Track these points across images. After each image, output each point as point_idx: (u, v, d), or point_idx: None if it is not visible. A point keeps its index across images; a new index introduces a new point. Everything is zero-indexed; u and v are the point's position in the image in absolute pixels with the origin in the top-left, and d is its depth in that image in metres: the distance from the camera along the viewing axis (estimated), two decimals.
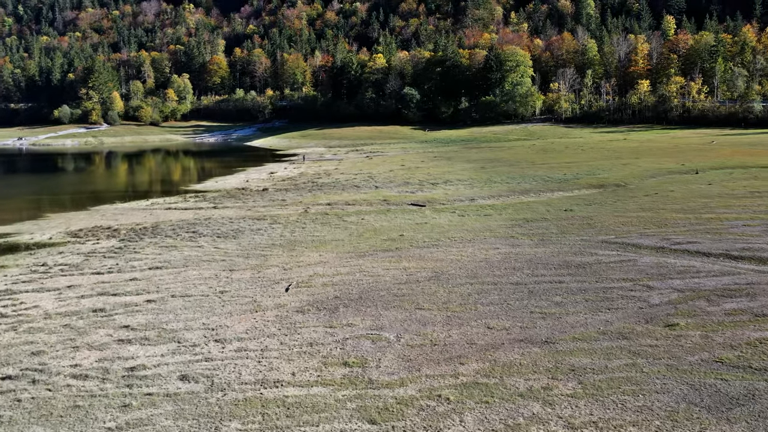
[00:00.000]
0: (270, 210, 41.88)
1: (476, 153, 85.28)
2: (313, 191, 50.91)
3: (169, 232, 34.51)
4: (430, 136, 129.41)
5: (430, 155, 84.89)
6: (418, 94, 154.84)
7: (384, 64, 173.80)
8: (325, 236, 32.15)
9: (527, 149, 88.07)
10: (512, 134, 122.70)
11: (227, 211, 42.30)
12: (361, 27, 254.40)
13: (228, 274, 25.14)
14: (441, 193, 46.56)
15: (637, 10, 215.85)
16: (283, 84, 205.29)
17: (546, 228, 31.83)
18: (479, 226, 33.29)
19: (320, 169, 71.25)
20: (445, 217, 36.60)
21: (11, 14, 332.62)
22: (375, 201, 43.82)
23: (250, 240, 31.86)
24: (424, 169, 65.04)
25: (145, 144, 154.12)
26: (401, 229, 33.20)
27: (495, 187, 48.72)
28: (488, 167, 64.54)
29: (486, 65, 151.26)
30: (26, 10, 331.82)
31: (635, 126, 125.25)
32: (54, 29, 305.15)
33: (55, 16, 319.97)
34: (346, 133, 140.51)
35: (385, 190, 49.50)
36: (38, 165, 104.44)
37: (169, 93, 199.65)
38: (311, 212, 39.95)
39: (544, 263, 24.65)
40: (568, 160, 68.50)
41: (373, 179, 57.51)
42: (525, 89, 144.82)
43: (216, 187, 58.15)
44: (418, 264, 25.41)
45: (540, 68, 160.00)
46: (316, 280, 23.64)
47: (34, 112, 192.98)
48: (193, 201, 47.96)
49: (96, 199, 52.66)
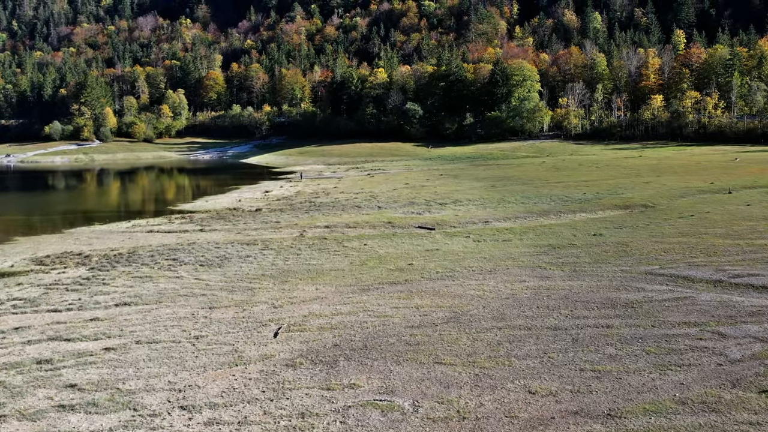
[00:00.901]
0: (262, 233, 38.36)
1: (484, 171, 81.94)
2: (310, 212, 47.44)
3: (146, 260, 30.97)
4: (434, 153, 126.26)
5: (436, 173, 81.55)
6: (420, 109, 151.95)
7: (385, 79, 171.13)
8: (322, 265, 28.60)
9: (538, 167, 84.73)
10: (520, 151, 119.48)
11: (215, 234, 38.77)
12: (362, 42, 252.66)
13: (207, 312, 21.57)
14: (451, 215, 43.07)
15: (645, 24, 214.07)
16: (281, 100, 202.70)
17: (576, 256, 28.29)
18: (499, 253, 29.75)
19: (318, 188, 67.86)
20: (459, 242, 33.08)
21: (5, 30, 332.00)
22: (378, 223, 40.31)
23: (237, 269, 28.31)
24: (431, 188, 61.63)
25: (137, 161, 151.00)
26: (410, 257, 29.67)
27: (510, 208, 45.24)
28: (499, 186, 61.13)
29: (491, 80, 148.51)
30: (20, 26, 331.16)
31: (649, 142, 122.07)
32: (48, 45, 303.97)
33: (49, 31, 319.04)
34: (346, 150, 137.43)
35: (389, 211, 46.02)
36: (22, 183, 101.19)
37: (164, 109, 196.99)
38: (308, 236, 36.43)
39: (584, 301, 21.10)
40: (585, 179, 65.11)
41: (376, 199, 54.08)
42: (532, 104, 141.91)
43: (206, 207, 54.69)
44: (433, 301, 21.85)
45: (547, 83, 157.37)
46: (311, 321, 20.07)
47: (25, 129, 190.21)
48: (179, 223, 44.46)
49: (73, 220, 49.19)
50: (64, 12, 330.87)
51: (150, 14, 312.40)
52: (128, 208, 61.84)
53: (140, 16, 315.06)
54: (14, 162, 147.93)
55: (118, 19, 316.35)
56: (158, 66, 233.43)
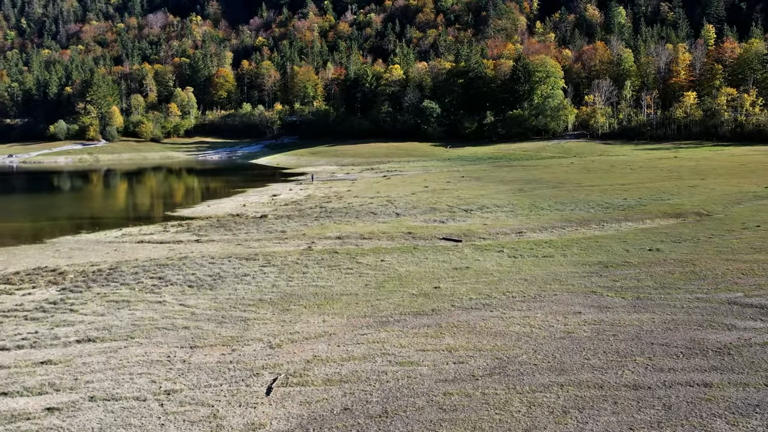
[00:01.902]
0: (265, 245, 34.37)
1: (508, 172, 77.60)
2: (320, 219, 43.41)
3: (127, 278, 27.07)
4: (452, 153, 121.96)
5: (456, 175, 77.33)
6: (438, 107, 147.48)
7: (401, 76, 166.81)
8: (332, 287, 24.54)
9: (566, 168, 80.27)
10: (545, 151, 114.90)
11: (211, 246, 34.84)
12: (376, 39, 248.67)
13: (187, 353, 17.58)
14: (478, 224, 38.87)
15: (672, 19, 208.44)
16: (293, 98, 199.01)
17: (636, 278, 24.03)
18: (541, 273, 25.54)
19: (330, 191, 63.86)
20: (491, 258, 28.89)
21: (14, 27, 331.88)
22: (397, 234, 36.20)
23: (231, 292, 24.32)
24: (452, 192, 57.42)
25: (143, 162, 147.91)
26: (435, 277, 25.55)
27: (544, 216, 40.95)
28: (528, 190, 56.80)
29: (513, 76, 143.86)
30: (29, 23, 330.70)
31: (682, 142, 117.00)
32: (57, 42, 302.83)
33: (58, 29, 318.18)
34: (360, 150, 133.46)
35: (408, 219, 41.91)
36: (19, 184, 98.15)
37: (172, 107, 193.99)
38: (316, 249, 32.40)
39: (662, 344, 16.89)
40: (621, 182, 60.63)
41: (393, 204, 49.99)
42: (556, 102, 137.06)
43: (206, 213, 50.85)
44: (469, 341, 17.71)
45: (571, 80, 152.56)
46: (315, 370, 16.00)
47: (30, 128, 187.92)
48: (174, 231, 40.60)
49: (60, 227, 45.51)
50: (73, 9, 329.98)
51: (160, 11, 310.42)
52: (123, 213, 58.13)
53: (150, 13, 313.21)
54: (17, 162, 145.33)
55: (128, 16, 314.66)
56: (167, 64, 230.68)
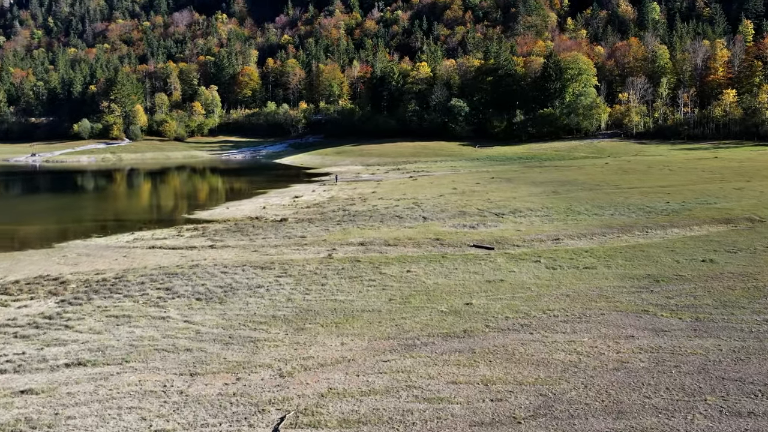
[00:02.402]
0: (282, 252, 32.44)
1: (540, 173, 74.96)
2: (342, 223, 41.40)
3: (132, 289, 25.30)
4: (481, 153, 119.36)
5: (486, 176, 74.89)
6: (466, 106, 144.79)
7: (428, 74, 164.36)
8: (353, 302, 22.48)
9: (601, 169, 77.39)
10: (577, 151, 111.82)
11: (226, 252, 33.01)
12: (403, 36, 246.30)
13: (185, 383, 15.62)
14: (511, 229, 36.55)
15: (708, 15, 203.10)
16: (319, 96, 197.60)
17: (692, 295, 21.62)
18: (584, 288, 23.22)
19: (354, 193, 61.86)
20: (527, 269, 26.60)
21: (41, 26, 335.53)
22: (424, 240, 34.05)
23: (242, 306, 22.39)
24: (482, 194, 55.07)
25: (167, 161, 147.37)
26: (466, 291, 23.36)
27: (582, 221, 38.49)
28: (562, 192, 54.24)
29: (544, 74, 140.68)
30: (56, 22, 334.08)
31: (720, 142, 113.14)
32: (83, 41, 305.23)
33: (84, 28, 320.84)
34: (386, 149, 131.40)
35: (436, 223, 39.72)
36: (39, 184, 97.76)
37: (196, 106, 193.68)
38: (337, 257, 30.36)
39: (735, 378, 14.56)
40: (661, 183, 57.81)
41: (420, 207, 47.82)
42: (589, 100, 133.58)
43: (224, 216, 49.13)
44: (507, 371, 15.51)
45: (604, 77, 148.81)
46: (330, 407, 13.93)
47: (55, 127, 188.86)
48: (188, 236, 38.88)
49: (70, 231, 44.07)
50: (99, 8, 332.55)
51: (186, 9, 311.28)
52: (138, 215, 56.63)
53: (176, 11, 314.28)
54: (40, 161, 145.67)
55: (154, 14, 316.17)
56: (192, 62, 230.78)
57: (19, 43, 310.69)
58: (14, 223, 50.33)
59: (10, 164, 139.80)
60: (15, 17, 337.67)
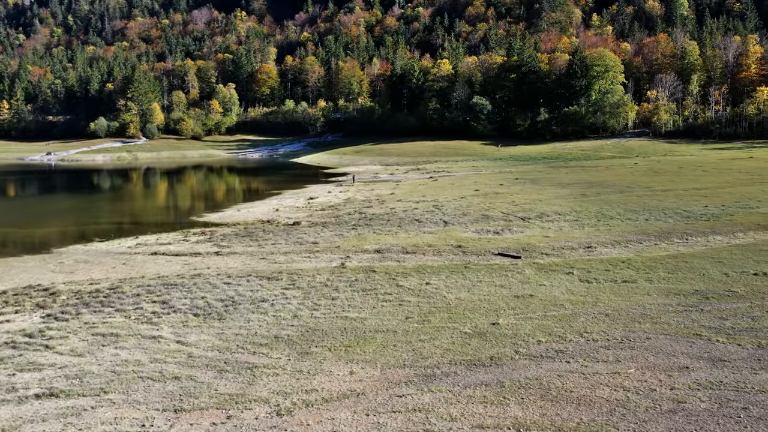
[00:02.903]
0: (292, 260, 30.39)
1: (566, 174, 72.32)
2: (358, 228, 39.28)
3: (126, 302, 23.38)
4: (504, 152, 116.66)
5: (509, 176, 72.40)
6: (488, 104, 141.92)
7: (450, 71, 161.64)
8: (365, 320, 20.36)
9: (630, 170, 74.56)
10: (604, 151, 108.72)
11: (232, 260, 31.05)
12: (424, 33, 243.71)
13: (167, 422, 13.58)
14: (539, 235, 34.21)
15: (739, 10, 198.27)
16: (338, 94, 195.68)
17: (749, 315, 19.22)
18: (625, 305, 20.89)
19: (372, 194, 59.74)
20: (559, 282, 24.29)
21: (60, 24, 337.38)
22: (445, 247, 31.84)
23: (243, 324, 20.36)
24: (506, 196, 52.68)
25: (183, 160, 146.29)
26: (492, 308, 21.14)
27: (615, 226, 36.03)
28: (591, 194, 51.70)
29: (569, 71, 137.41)
30: (76, 20, 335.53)
31: (754, 141, 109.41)
32: (102, 39, 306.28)
33: (104, 26, 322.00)
34: (405, 148, 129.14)
35: (457, 228, 37.48)
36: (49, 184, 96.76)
37: (214, 104, 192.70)
38: (350, 267, 28.25)
39: None
40: (696, 186, 55.03)
41: (440, 210, 45.57)
42: (616, 98, 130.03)
43: (235, 219, 47.24)
44: (543, 414, 13.27)
45: (631, 75, 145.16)
46: None
47: (71, 125, 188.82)
48: (194, 241, 36.99)
49: (72, 235, 42.37)
50: (119, 6, 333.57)
51: (205, 7, 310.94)
52: (146, 218, 54.88)
53: (195, 9, 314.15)
54: (55, 160, 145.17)
55: (173, 12, 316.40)
56: (210, 59, 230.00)
57: (39, 42, 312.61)
58: (16, 225, 48.83)
59: (26, 163, 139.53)
60: (35, 15, 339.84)
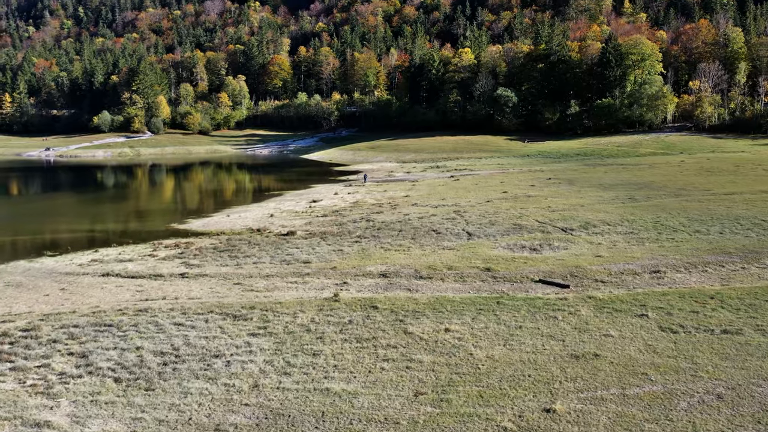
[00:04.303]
0: (273, 287, 24.18)
1: (606, 173, 65.48)
2: (363, 240, 33.02)
3: (32, 354, 17.34)
4: (531, 148, 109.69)
5: (541, 176, 65.71)
6: (514, 96, 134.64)
7: (472, 61, 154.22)
8: (355, 397, 14.06)
9: (677, 168, 67.59)
10: (643, 147, 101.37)
11: (198, 285, 24.92)
12: (444, 23, 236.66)
13: None
14: (587, 253, 27.73)
15: None
16: (353, 87, 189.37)
17: None
18: (741, 378, 14.42)
19: (384, 196, 53.42)
20: (631, 330, 17.83)
21: (71, 16, 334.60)
22: (470, 270, 25.48)
23: (176, 401, 14.16)
24: (540, 200, 46.10)
25: (188, 156, 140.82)
26: (542, 377, 14.76)
27: (683, 242, 29.42)
28: (641, 198, 44.96)
29: (602, 60, 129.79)
30: (86, 12, 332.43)
31: None
32: (112, 31, 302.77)
33: (114, 17, 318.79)
34: (424, 144, 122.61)
35: (484, 242, 31.09)
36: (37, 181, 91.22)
37: (222, 97, 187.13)
38: (346, 299, 21.96)
39: None
40: (763, 188, 48.05)
41: (463, 217, 39.15)
42: (654, 89, 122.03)
43: (220, 227, 41.15)
44: None
45: (669, 64, 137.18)
46: None
47: (75, 120, 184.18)
48: (161, 257, 30.93)
49: (24, 246, 36.51)
50: None
51: None
52: (120, 224, 48.62)
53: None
54: (53, 156, 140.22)
55: (185, 3, 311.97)
56: (220, 51, 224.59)
57: (48, 34, 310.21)
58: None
59: (22, 159, 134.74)
60: (45, 7, 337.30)
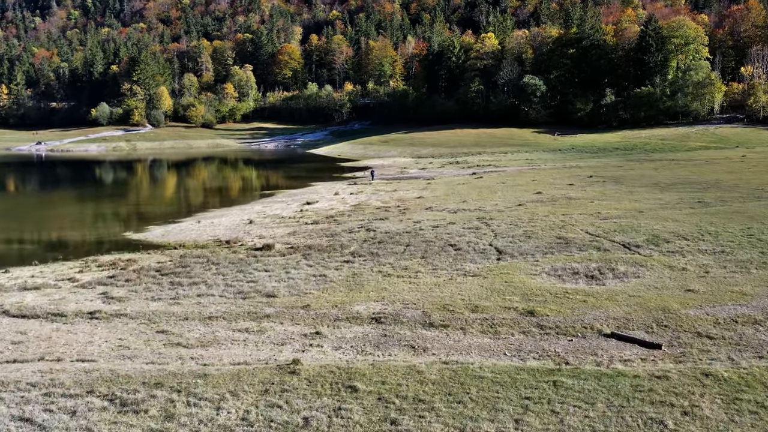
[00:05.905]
0: (210, 339, 16.56)
1: (657, 171, 57.31)
2: (356, 259, 25.36)
3: None
4: (563, 142, 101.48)
5: (579, 173, 57.64)
6: (542, 84, 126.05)
7: (495, 47, 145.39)
8: None
9: (742, 164, 59.36)
10: (690, 140, 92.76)
11: (105, 333, 17.42)
12: (465, 10, 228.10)
13: None
14: (672, 285, 19.81)
15: None
16: (367, 77, 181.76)
17: None
18: None
19: (392, 197, 45.71)
20: None
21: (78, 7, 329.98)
22: (503, 314, 17.70)
23: None
24: (584, 203, 38.07)
25: (188, 151, 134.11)
26: None
27: None
28: (712, 201, 36.81)
29: (640, 44, 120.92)
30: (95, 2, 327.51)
31: None
32: (119, 21, 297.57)
33: (123, 7, 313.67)
34: (443, 137, 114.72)
35: (519, 265, 23.28)
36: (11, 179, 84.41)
37: (228, 89, 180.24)
38: (309, 368, 14.20)
39: None
40: None
41: (489, 226, 31.33)
42: (701, 76, 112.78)
43: (183, 237, 33.68)
44: None
45: (714, 49, 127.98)
46: None
47: (73, 112, 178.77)
48: (81, 283, 23.42)
49: None
50: None
51: None
52: (59, 233, 40.54)
53: None
54: (44, 151, 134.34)
55: None
56: (228, 40, 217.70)
57: (54, 24, 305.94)
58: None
59: (11, 154, 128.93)
60: None
